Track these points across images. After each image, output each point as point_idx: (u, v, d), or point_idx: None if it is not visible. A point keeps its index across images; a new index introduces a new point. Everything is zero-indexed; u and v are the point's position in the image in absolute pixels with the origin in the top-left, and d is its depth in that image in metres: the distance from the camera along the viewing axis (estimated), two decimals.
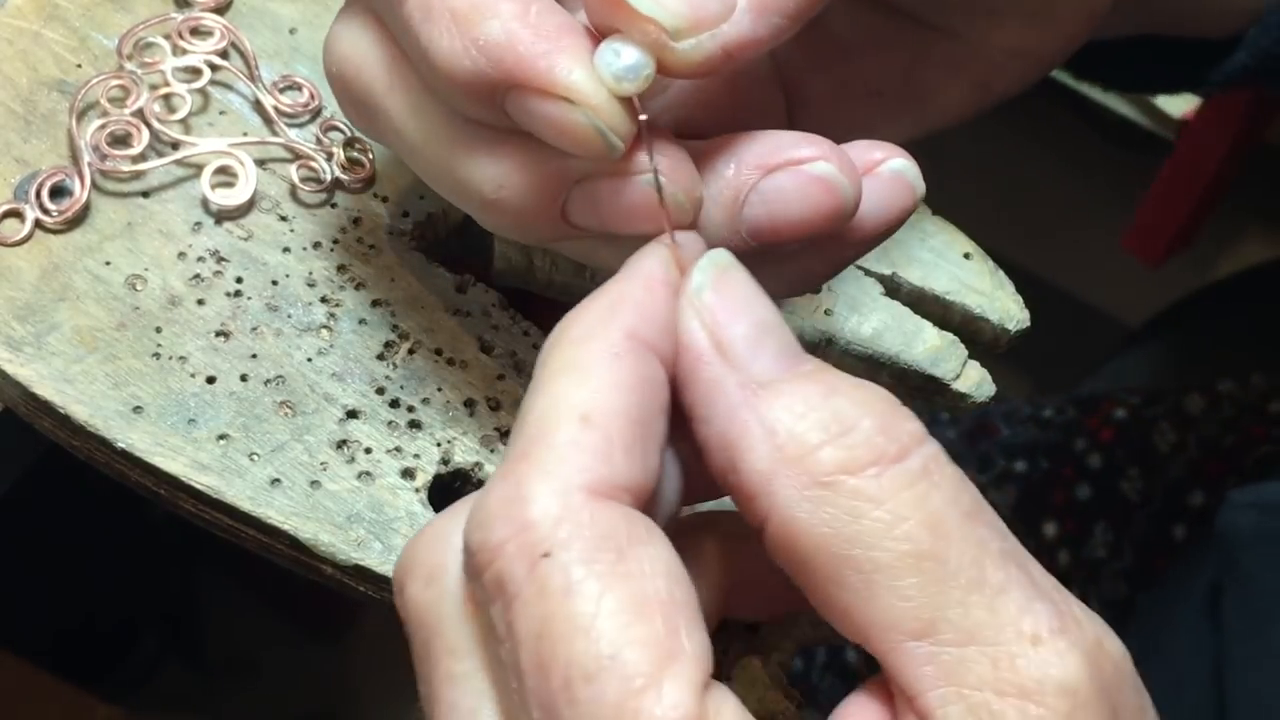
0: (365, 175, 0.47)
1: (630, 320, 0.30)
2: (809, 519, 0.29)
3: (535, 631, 0.27)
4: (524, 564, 0.28)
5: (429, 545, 0.30)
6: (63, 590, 1.20)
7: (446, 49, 0.33)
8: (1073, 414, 0.84)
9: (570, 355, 0.30)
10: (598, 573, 0.28)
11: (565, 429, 0.29)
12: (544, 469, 0.29)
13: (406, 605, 0.31)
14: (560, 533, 0.28)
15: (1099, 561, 0.79)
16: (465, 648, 0.29)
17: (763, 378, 0.30)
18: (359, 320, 0.44)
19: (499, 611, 0.28)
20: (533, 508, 0.28)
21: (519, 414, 0.30)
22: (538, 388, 0.30)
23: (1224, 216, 1.42)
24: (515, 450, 0.29)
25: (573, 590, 0.27)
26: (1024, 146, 1.67)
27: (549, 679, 0.27)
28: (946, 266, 0.46)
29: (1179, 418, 0.81)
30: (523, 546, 0.28)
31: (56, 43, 0.48)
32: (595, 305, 0.31)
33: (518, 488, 0.28)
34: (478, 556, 0.28)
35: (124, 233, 0.45)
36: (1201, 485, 0.79)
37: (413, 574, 0.30)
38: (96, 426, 0.41)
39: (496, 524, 0.28)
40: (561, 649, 0.27)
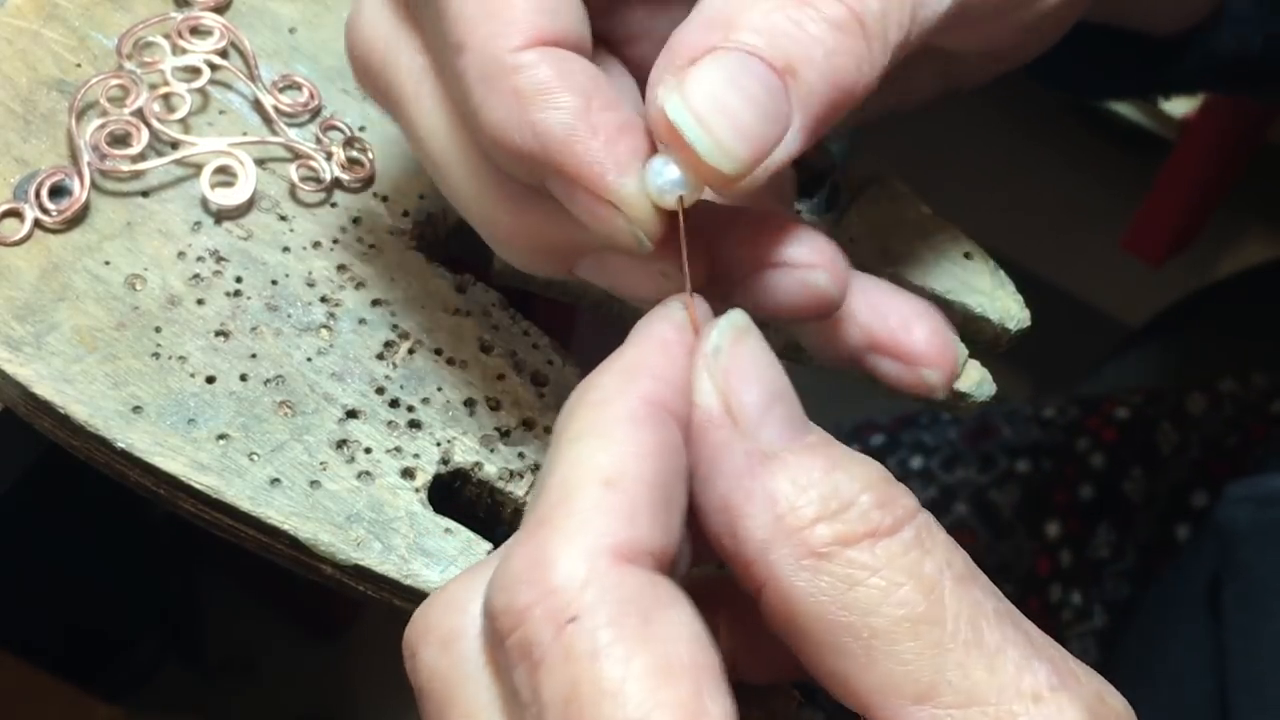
0: (365, 175, 0.47)
1: (648, 385, 0.31)
2: (806, 587, 0.29)
3: (563, 696, 0.27)
4: (550, 628, 0.28)
5: (443, 610, 0.30)
6: (63, 590, 1.20)
7: (501, 119, 0.33)
8: (1075, 414, 0.84)
9: (589, 420, 0.30)
10: (624, 637, 0.27)
11: (588, 493, 0.29)
12: (567, 533, 0.29)
13: (419, 670, 0.30)
14: (586, 597, 0.28)
15: (1102, 562, 0.79)
16: (483, 713, 0.29)
17: (769, 447, 0.31)
18: (359, 320, 0.44)
19: (523, 676, 0.28)
20: (558, 572, 0.28)
21: (538, 479, 0.30)
22: (557, 452, 0.30)
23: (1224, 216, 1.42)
24: (537, 515, 0.29)
25: (600, 654, 0.27)
26: (1024, 146, 1.67)
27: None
28: (947, 266, 0.46)
29: (1181, 417, 0.81)
30: (549, 611, 0.28)
31: (56, 42, 0.48)
32: (612, 369, 0.31)
33: (541, 551, 0.28)
34: (501, 621, 0.28)
35: (123, 232, 0.45)
36: (1204, 485, 0.79)
37: (426, 639, 0.30)
38: (96, 426, 0.41)
39: (521, 588, 0.28)
40: (590, 713, 0.27)
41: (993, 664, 0.29)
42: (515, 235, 0.36)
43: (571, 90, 0.33)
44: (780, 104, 0.33)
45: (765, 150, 0.33)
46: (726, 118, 0.33)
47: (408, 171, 0.47)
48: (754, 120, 0.33)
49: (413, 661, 0.31)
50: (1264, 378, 0.82)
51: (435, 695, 0.30)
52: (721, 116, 0.33)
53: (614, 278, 0.36)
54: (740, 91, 0.33)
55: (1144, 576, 0.78)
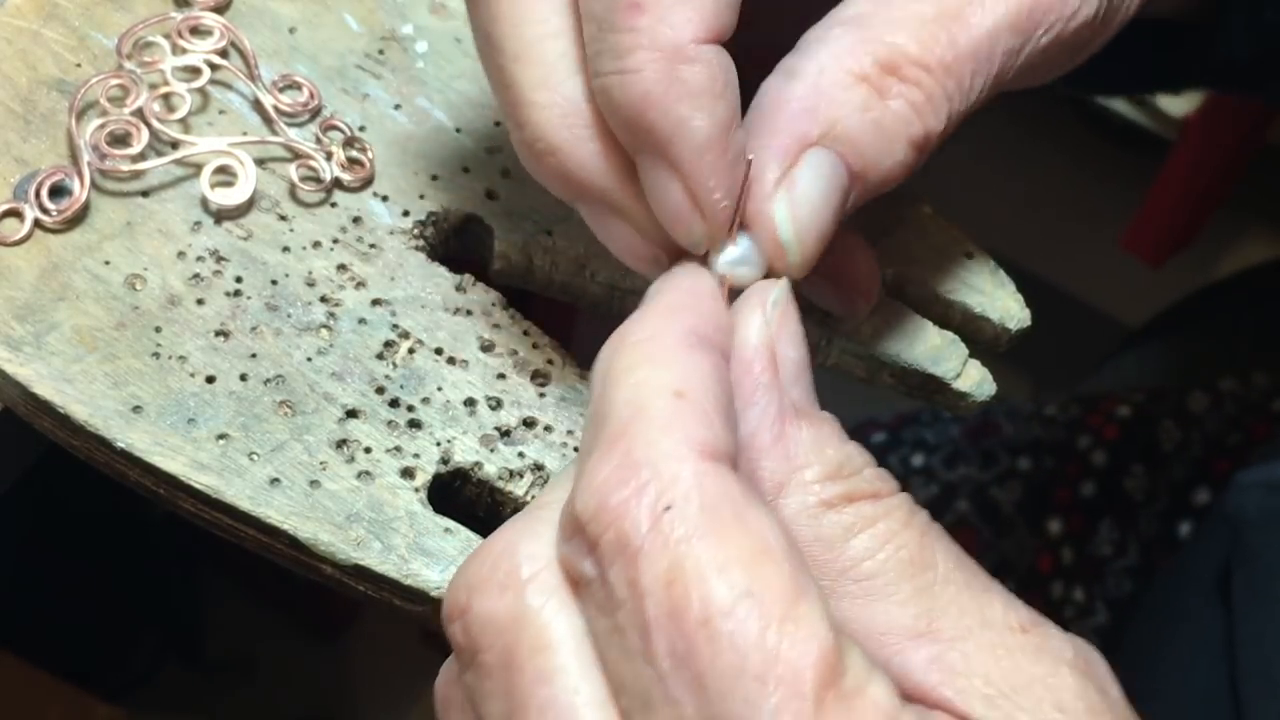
0: (365, 175, 0.47)
1: (691, 320, 0.32)
2: (808, 533, 0.31)
3: (664, 580, 0.28)
4: (647, 519, 0.28)
5: (495, 558, 0.30)
6: (63, 590, 1.20)
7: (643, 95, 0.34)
8: (1076, 412, 0.84)
9: (642, 352, 0.31)
10: (720, 521, 0.28)
11: (660, 403, 0.30)
12: (649, 437, 0.29)
13: (474, 622, 0.30)
14: (679, 487, 0.29)
15: (1104, 559, 0.79)
16: (556, 639, 0.29)
17: (798, 404, 0.33)
18: (359, 320, 0.44)
19: (619, 572, 0.28)
20: (647, 468, 0.29)
21: (591, 414, 0.31)
22: (612, 384, 0.31)
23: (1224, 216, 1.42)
24: (607, 433, 0.30)
25: (698, 537, 0.28)
26: (1024, 146, 1.67)
27: (684, 620, 0.27)
28: (947, 266, 0.46)
29: (1183, 416, 0.82)
30: (643, 504, 0.28)
31: (56, 42, 0.48)
32: (651, 311, 0.33)
33: (627, 455, 0.29)
34: (594, 525, 0.29)
35: (123, 232, 0.45)
36: (1207, 483, 0.79)
37: (481, 589, 0.30)
38: (96, 426, 0.41)
39: (612, 489, 0.29)
40: (695, 590, 0.27)
41: (980, 602, 0.31)
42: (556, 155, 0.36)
43: (727, 101, 0.34)
44: (847, 200, 0.36)
45: (825, 244, 0.36)
46: (818, 230, 0.36)
47: (408, 171, 0.47)
48: (830, 221, 0.36)
49: (464, 618, 0.30)
50: (1265, 377, 0.82)
51: (498, 639, 0.30)
52: (815, 230, 0.35)
53: (610, 234, 0.38)
54: (830, 204, 0.35)
55: (1146, 573, 0.78)
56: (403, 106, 0.48)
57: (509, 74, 0.36)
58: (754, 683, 0.27)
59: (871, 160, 0.36)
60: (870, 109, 0.35)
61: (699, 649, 0.27)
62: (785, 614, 0.27)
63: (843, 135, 0.35)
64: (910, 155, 0.37)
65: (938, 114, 0.36)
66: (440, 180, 0.47)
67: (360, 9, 0.50)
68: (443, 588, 0.39)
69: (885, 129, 0.36)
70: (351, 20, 0.50)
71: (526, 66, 0.36)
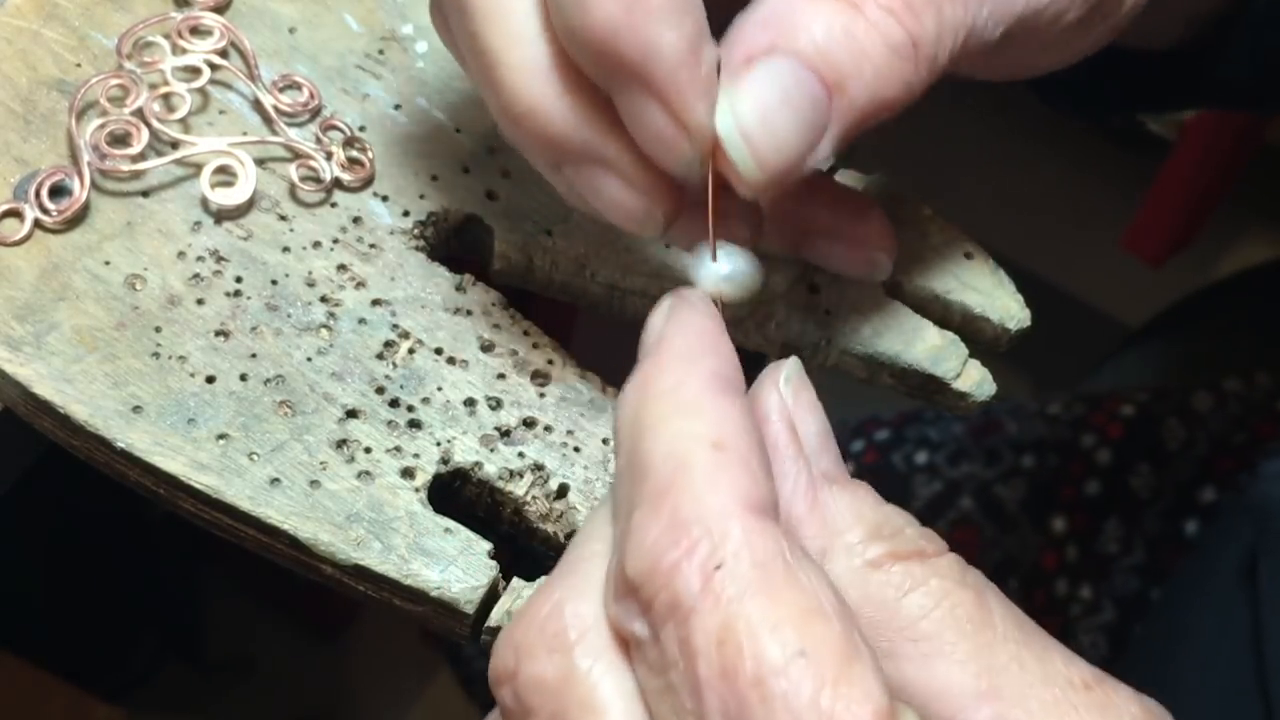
0: (365, 175, 0.47)
1: (712, 363, 0.32)
2: (859, 595, 0.31)
3: (716, 639, 0.27)
4: (698, 579, 0.28)
5: (542, 620, 0.30)
6: (63, 590, 1.20)
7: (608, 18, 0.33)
8: (1080, 411, 0.84)
9: (670, 403, 0.31)
10: (772, 579, 0.28)
11: (700, 457, 0.29)
12: (695, 494, 0.29)
13: (523, 687, 0.30)
14: (729, 545, 0.28)
15: (1110, 557, 0.79)
16: (605, 700, 0.29)
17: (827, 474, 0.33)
18: (359, 320, 0.44)
19: (671, 632, 0.28)
20: (697, 527, 0.28)
21: (624, 469, 0.31)
22: (646, 437, 0.30)
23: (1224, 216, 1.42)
24: (650, 490, 0.29)
25: (752, 594, 0.28)
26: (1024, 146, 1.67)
27: (736, 680, 0.27)
28: (947, 266, 0.46)
29: (1187, 415, 0.82)
30: (695, 564, 0.28)
31: (56, 42, 0.48)
32: (669, 357, 0.32)
33: (675, 514, 0.29)
34: (646, 587, 0.28)
35: (123, 232, 0.45)
36: (1212, 481, 0.79)
37: (529, 652, 0.30)
38: (96, 426, 0.41)
39: (662, 551, 0.28)
40: (748, 649, 0.27)
41: (1042, 659, 0.30)
42: (534, 116, 0.36)
43: (692, 16, 0.34)
44: (821, 118, 0.34)
45: (798, 163, 0.35)
46: (769, 135, 0.34)
47: (408, 171, 0.47)
48: (795, 136, 0.34)
49: (512, 683, 0.30)
50: (1268, 377, 0.82)
51: (548, 702, 0.29)
52: (763, 132, 0.34)
53: (601, 194, 0.37)
54: (788, 106, 0.34)
55: (1153, 571, 0.78)
56: (403, 106, 0.48)
57: (480, 40, 0.36)
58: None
59: (848, 71, 0.34)
60: (840, 15, 0.34)
61: (752, 709, 0.27)
62: (839, 674, 0.27)
63: (808, 44, 0.34)
64: (897, 65, 0.35)
65: (920, 18, 0.35)
66: (440, 180, 0.47)
67: (360, 9, 0.50)
68: (442, 587, 0.39)
69: (858, 36, 0.34)
70: (351, 20, 0.50)
71: (495, 27, 0.36)
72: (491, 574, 0.39)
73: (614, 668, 0.29)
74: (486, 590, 0.39)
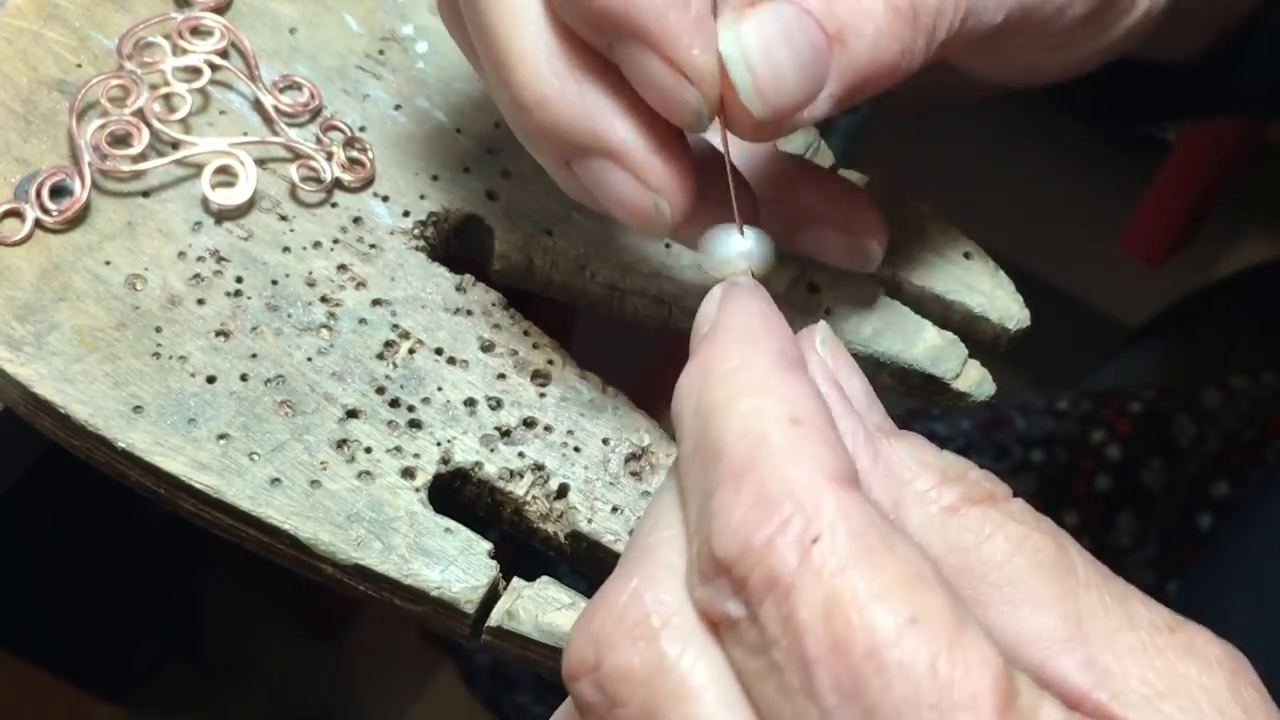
0: (365, 175, 0.47)
1: (775, 342, 0.31)
2: (941, 544, 0.30)
3: (823, 613, 0.27)
4: (795, 554, 0.27)
5: (620, 609, 0.29)
6: (63, 590, 1.20)
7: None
8: (1088, 407, 0.84)
9: (737, 383, 0.30)
10: (871, 549, 0.27)
11: (779, 433, 0.29)
12: (778, 470, 0.28)
13: (608, 679, 0.29)
14: (823, 518, 0.28)
15: (1124, 550, 0.80)
16: (699, 686, 0.28)
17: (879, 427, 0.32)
18: (359, 320, 0.44)
19: (771, 609, 0.27)
20: (787, 502, 0.28)
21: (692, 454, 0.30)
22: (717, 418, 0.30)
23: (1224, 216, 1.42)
24: (728, 469, 0.29)
25: (854, 566, 0.27)
26: (1024, 146, 1.67)
27: (849, 654, 0.26)
28: (947, 266, 0.46)
29: (1197, 412, 0.82)
30: (790, 539, 0.27)
31: (56, 42, 0.48)
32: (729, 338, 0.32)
33: (762, 491, 0.28)
34: (739, 565, 0.28)
35: (124, 232, 0.45)
36: (1225, 476, 0.79)
37: (611, 644, 0.29)
38: (96, 426, 0.41)
39: (753, 528, 0.28)
40: (858, 620, 0.27)
41: (1124, 603, 0.30)
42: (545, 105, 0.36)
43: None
44: (822, 67, 0.35)
45: (797, 107, 0.35)
46: (770, 67, 0.34)
47: (408, 172, 0.47)
48: (794, 76, 0.34)
49: (594, 677, 0.29)
50: (1273, 376, 0.83)
51: (637, 692, 0.29)
52: (766, 64, 0.34)
53: (610, 189, 0.37)
54: (789, 45, 0.34)
55: (1168, 565, 0.78)
56: (403, 107, 0.48)
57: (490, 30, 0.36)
58: (931, 713, 0.26)
59: (848, 22, 0.35)
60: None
61: (867, 681, 0.26)
62: (953, 639, 0.26)
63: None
64: (897, 27, 0.35)
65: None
66: (441, 180, 0.47)
67: (360, 9, 0.50)
68: (442, 587, 0.39)
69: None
70: (352, 20, 0.50)
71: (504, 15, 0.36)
72: (492, 574, 0.40)
73: (705, 652, 0.29)
74: (487, 590, 0.39)
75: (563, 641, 0.39)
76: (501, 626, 0.39)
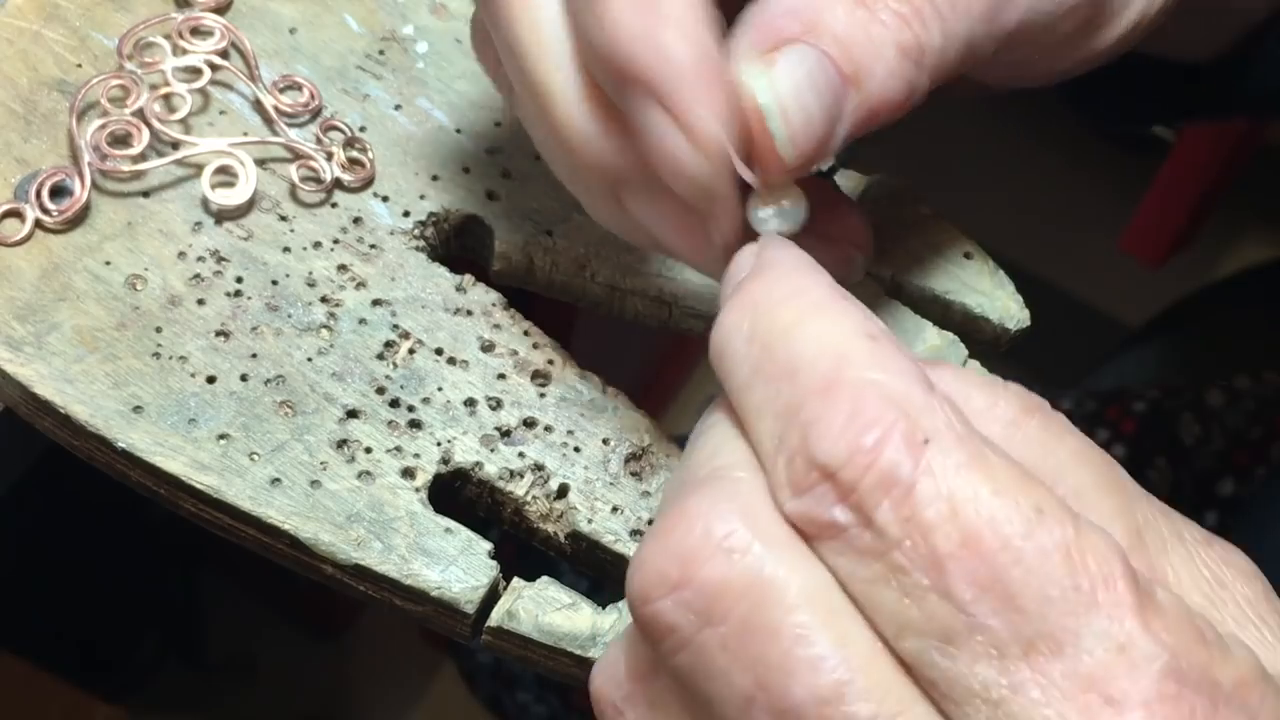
0: (365, 175, 0.47)
1: (823, 278, 0.31)
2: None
3: (948, 511, 0.27)
4: (909, 456, 0.27)
5: (704, 526, 0.28)
6: (63, 590, 1.20)
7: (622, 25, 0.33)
8: (1091, 407, 0.84)
9: (802, 305, 0.30)
10: (977, 446, 0.27)
11: (860, 346, 0.29)
12: (871, 380, 0.28)
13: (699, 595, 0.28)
14: (930, 419, 0.28)
15: None
16: (807, 596, 0.28)
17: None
18: (359, 320, 0.44)
19: (889, 511, 0.27)
20: (890, 408, 0.28)
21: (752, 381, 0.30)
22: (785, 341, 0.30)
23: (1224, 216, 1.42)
24: (812, 385, 0.28)
25: (972, 464, 0.27)
26: (1024, 146, 1.68)
27: (982, 547, 0.27)
28: (947, 266, 0.46)
29: (1202, 411, 0.82)
30: (901, 440, 0.27)
31: (56, 42, 0.48)
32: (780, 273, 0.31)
33: (859, 400, 0.28)
34: (847, 470, 0.27)
35: (124, 232, 0.45)
36: (1231, 475, 0.79)
37: (698, 558, 0.28)
38: (97, 426, 0.41)
39: (859, 432, 0.27)
40: (987, 514, 0.27)
41: (1169, 516, 0.30)
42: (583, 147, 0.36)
43: (707, 25, 0.33)
44: (840, 106, 0.35)
45: (822, 149, 0.35)
46: (804, 114, 0.34)
47: (408, 172, 0.47)
48: (820, 117, 0.34)
49: (680, 593, 0.28)
50: (1276, 375, 0.83)
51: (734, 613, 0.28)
52: (800, 112, 0.34)
53: (658, 222, 0.37)
54: (815, 89, 0.34)
55: None
56: (403, 107, 0.49)
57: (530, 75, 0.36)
58: (1075, 594, 0.26)
59: (862, 64, 0.35)
60: (856, 14, 0.35)
61: (1006, 572, 0.26)
62: (1077, 527, 0.27)
63: (827, 32, 0.34)
64: (904, 66, 0.35)
65: (928, 26, 0.36)
66: (441, 181, 0.47)
67: (360, 9, 0.50)
68: (443, 587, 0.39)
69: (872, 34, 0.35)
70: (352, 21, 0.50)
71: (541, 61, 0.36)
72: (492, 574, 0.40)
73: (803, 562, 0.28)
74: (487, 590, 0.39)
75: (563, 642, 0.39)
76: (502, 626, 0.39)
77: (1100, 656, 0.26)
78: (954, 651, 0.27)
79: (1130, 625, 0.26)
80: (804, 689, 0.27)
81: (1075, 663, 0.26)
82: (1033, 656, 0.26)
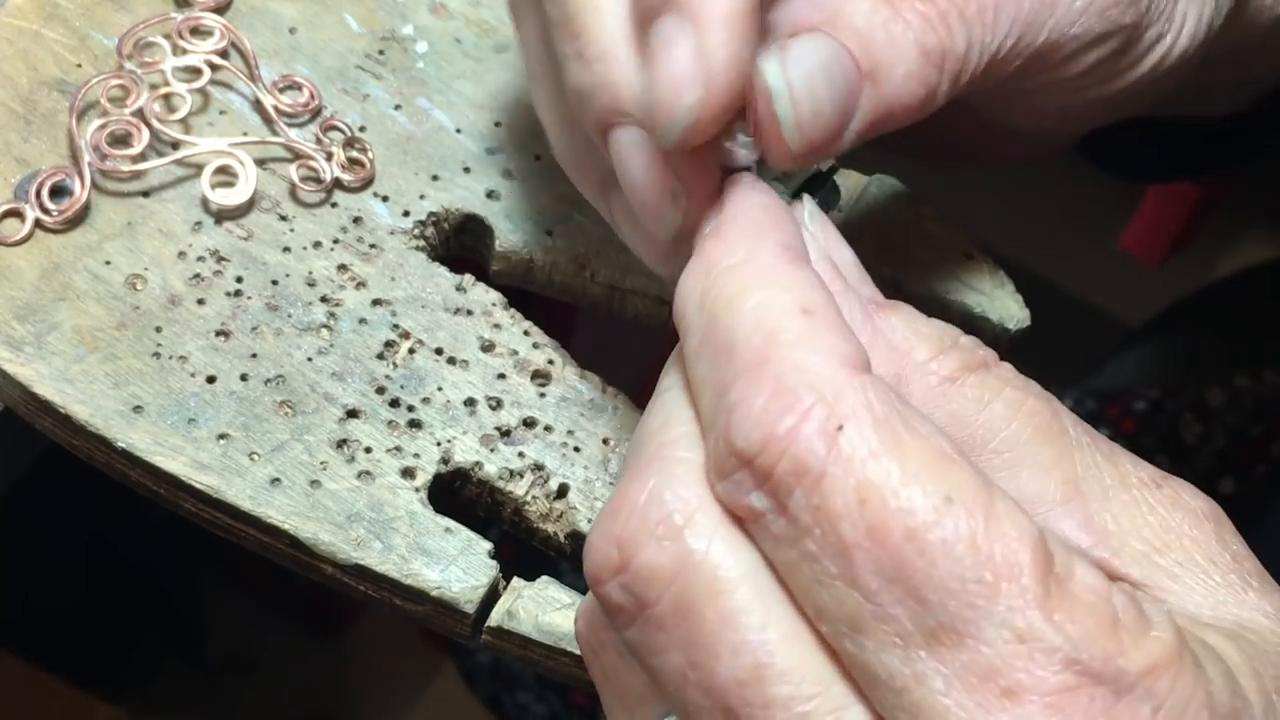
0: (365, 175, 0.47)
1: (780, 235, 0.31)
2: (944, 415, 0.31)
3: (856, 500, 0.27)
4: (821, 442, 0.27)
5: (641, 510, 0.29)
6: (63, 591, 1.20)
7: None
8: (1092, 405, 0.84)
9: (745, 274, 0.30)
10: (896, 433, 0.27)
11: (791, 324, 0.29)
12: (795, 361, 0.28)
13: (635, 577, 0.29)
14: (845, 405, 0.28)
15: None
16: (732, 580, 0.28)
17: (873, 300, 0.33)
18: (359, 320, 0.44)
19: (802, 499, 0.27)
20: (808, 392, 0.28)
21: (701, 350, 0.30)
22: (726, 312, 0.30)
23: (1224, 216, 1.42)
24: (743, 362, 0.29)
25: (884, 450, 0.27)
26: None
27: (888, 538, 0.27)
28: (947, 266, 0.46)
29: (1202, 410, 0.82)
30: (814, 427, 0.27)
31: (56, 42, 0.48)
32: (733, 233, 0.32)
33: (781, 380, 0.28)
34: (763, 456, 0.28)
35: (124, 232, 0.45)
36: (1231, 474, 0.79)
37: (635, 544, 0.29)
38: (96, 426, 0.41)
39: (775, 418, 0.28)
40: (894, 504, 0.27)
41: (1114, 461, 0.31)
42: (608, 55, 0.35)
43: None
44: (853, 99, 0.35)
45: (828, 141, 0.35)
46: (812, 102, 0.34)
47: (408, 171, 0.47)
48: (830, 111, 0.34)
49: (621, 576, 0.29)
50: (1276, 375, 0.83)
51: (669, 588, 0.28)
52: (809, 100, 0.34)
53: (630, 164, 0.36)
54: (828, 79, 0.34)
55: None
56: (403, 107, 0.49)
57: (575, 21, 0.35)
58: (977, 586, 0.26)
59: (881, 61, 0.35)
60: (879, 11, 0.35)
61: (910, 563, 0.26)
62: (988, 514, 0.27)
63: (847, 25, 0.35)
64: (925, 68, 0.35)
65: (952, 31, 0.36)
66: (441, 180, 0.47)
67: (360, 9, 0.50)
68: (442, 587, 0.39)
69: (894, 32, 0.35)
70: (352, 20, 0.50)
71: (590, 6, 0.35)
72: (492, 574, 0.40)
73: (733, 545, 0.29)
74: (487, 590, 0.39)
75: (563, 641, 0.39)
76: (501, 626, 0.39)
77: (1000, 648, 0.26)
78: (862, 640, 0.27)
79: (1032, 616, 0.26)
80: (726, 670, 0.28)
81: (975, 654, 0.26)
82: (935, 647, 0.27)
